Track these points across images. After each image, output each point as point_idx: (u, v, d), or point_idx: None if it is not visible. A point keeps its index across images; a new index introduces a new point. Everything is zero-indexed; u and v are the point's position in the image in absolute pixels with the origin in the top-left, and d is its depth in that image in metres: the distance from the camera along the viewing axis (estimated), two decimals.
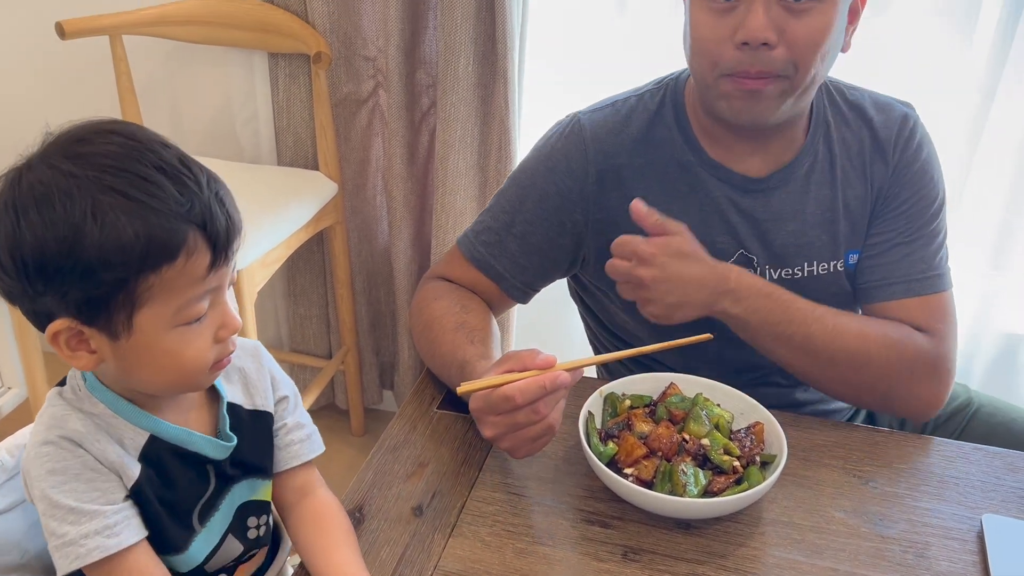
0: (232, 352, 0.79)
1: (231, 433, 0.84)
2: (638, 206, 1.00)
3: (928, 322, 1.09)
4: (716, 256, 1.04)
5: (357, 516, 0.90)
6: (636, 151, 1.11)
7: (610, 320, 1.21)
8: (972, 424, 1.23)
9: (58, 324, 0.72)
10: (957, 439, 1.17)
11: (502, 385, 0.86)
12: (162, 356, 0.75)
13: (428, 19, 1.80)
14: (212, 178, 0.75)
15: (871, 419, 1.30)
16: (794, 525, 0.90)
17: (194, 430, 0.82)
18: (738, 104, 1.02)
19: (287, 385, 0.92)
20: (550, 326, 1.87)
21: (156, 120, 2.04)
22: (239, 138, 2.01)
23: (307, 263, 2.08)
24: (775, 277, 1.11)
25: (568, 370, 0.87)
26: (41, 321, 0.74)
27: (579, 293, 1.26)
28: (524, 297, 1.18)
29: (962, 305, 1.74)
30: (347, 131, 1.92)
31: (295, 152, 1.95)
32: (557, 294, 1.30)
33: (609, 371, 1.27)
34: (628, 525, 0.89)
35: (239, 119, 1.99)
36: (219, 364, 0.79)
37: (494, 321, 1.14)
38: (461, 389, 0.91)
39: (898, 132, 1.13)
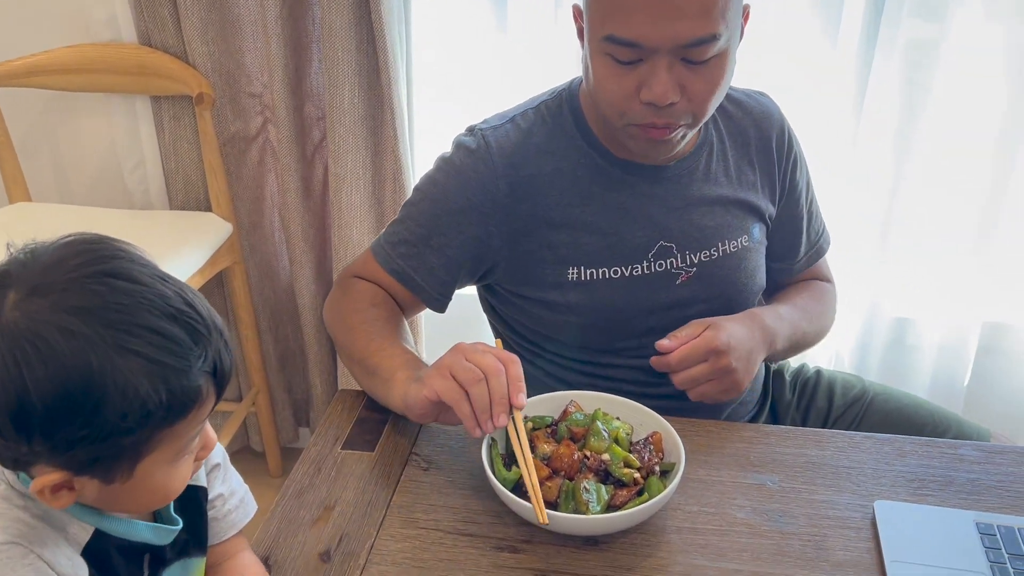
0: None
1: (176, 516, 0.81)
2: (664, 347, 1.08)
3: (827, 274, 1.38)
4: (636, 251, 1.13)
5: (264, 567, 0.88)
6: (543, 160, 1.13)
7: (523, 326, 1.22)
8: (868, 413, 1.28)
9: (48, 479, 0.67)
10: (856, 430, 1.23)
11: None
12: (150, 492, 0.73)
13: (312, 52, 1.79)
14: (208, 307, 0.71)
15: (774, 416, 1.34)
16: (698, 530, 0.92)
17: (134, 517, 0.78)
18: (645, 147, 1.08)
19: (217, 451, 0.89)
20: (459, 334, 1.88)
21: (39, 173, 1.98)
22: (127, 185, 1.96)
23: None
24: (695, 260, 1.16)
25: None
26: (19, 466, 0.69)
27: (489, 301, 1.27)
28: (442, 306, 1.20)
29: (854, 294, 1.82)
30: (239, 169, 1.90)
31: (186, 195, 1.91)
32: (468, 301, 1.32)
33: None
34: (537, 547, 0.90)
35: (126, 166, 1.94)
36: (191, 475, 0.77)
37: (403, 320, 1.18)
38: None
39: (779, 128, 1.23)
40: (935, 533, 0.90)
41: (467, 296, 1.28)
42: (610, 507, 0.89)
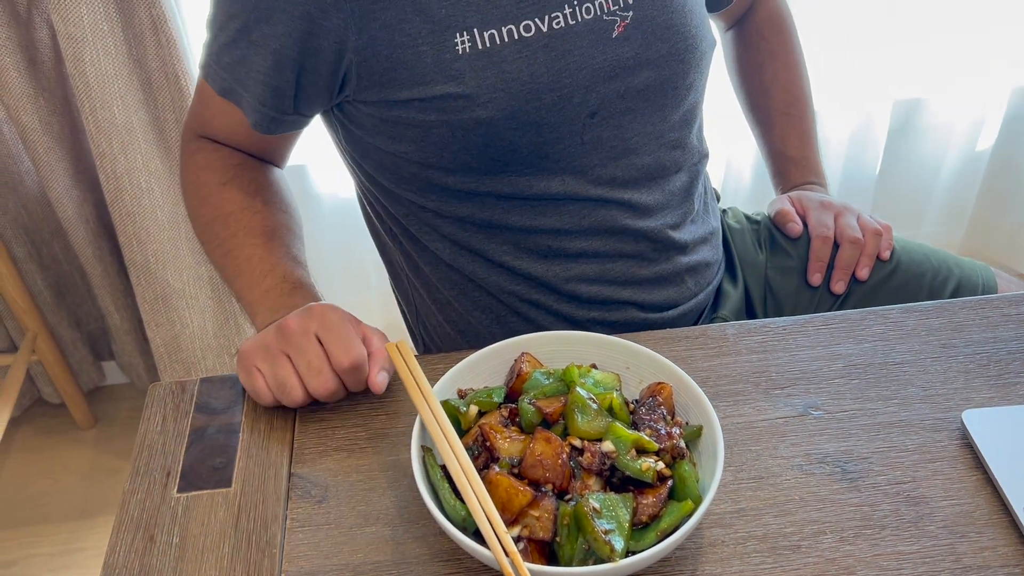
0: None
1: None
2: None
3: None
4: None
5: None
6: None
7: (417, 165, 0.83)
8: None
9: None
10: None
11: None
12: None
13: None
14: None
15: (744, 297, 1.05)
16: (747, 515, 0.63)
17: None
18: None
19: None
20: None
21: None
22: None
23: None
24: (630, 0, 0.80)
25: None
26: None
27: (359, 143, 0.86)
28: (271, 124, 0.84)
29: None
30: None
31: None
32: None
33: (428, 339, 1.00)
34: None
35: None
36: None
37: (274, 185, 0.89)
38: None
39: None
40: None
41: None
42: (635, 526, 0.58)
